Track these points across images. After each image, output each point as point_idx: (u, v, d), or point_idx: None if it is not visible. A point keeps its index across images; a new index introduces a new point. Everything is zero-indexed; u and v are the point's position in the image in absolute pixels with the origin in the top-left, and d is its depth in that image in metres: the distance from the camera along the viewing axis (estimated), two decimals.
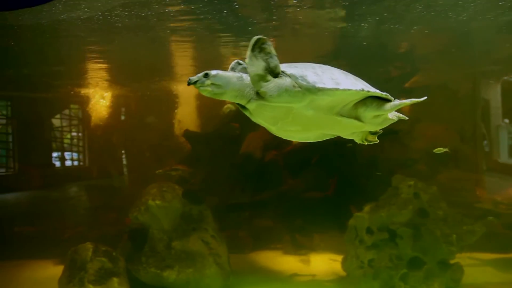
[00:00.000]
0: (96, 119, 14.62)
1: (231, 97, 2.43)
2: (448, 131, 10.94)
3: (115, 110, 14.80)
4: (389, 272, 7.58)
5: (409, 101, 2.53)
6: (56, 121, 17.12)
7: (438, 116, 10.75)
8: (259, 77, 2.32)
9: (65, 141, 17.40)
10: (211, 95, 2.40)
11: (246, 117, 2.59)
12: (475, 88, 11.96)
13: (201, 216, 8.19)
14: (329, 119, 2.52)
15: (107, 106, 14.62)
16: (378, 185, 8.68)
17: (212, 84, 2.37)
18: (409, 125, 9.69)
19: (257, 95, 2.37)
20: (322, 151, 8.77)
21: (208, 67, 2.68)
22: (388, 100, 2.59)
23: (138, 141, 13.21)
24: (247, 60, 2.29)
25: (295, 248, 9.75)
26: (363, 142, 2.88)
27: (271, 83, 2.32)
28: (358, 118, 2.57)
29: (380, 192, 8.31)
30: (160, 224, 7.87)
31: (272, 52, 2.31)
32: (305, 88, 2.33)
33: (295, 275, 9.04)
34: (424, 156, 9.90)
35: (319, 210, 8.99)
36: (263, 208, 9.01)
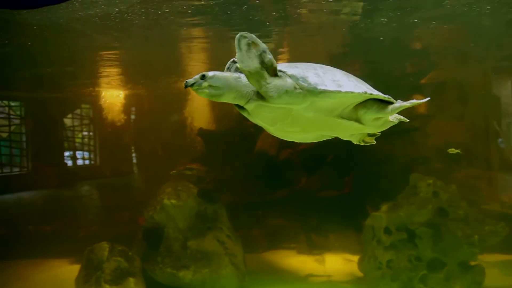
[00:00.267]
0: (109, 118, 14.62)
1: (229, 98, 2.37)
2: (462, 128, 10.78)
3: (128, 109, 14.79)
4: (409, 274, 7.45)
5: (409, 103, 2.45)
6: (69, 121, 17.19)
7: (452, 113, 10.59)
8: (256, 75, 2.23)
9: (77, 140, 17.45)
10: (209, 97, 2.34)
11: None
12: (488, 84, 11.79)
13: (216, 215, 8.12)
14: (329, 121, 2.47)
15: (120, 105, 14.61)
16: (395, 183, 8.55)
17: (210, 86, 2.30)
18: (423, 122, 9.55)
19: (256, 95, 2.31)
20: (338, 149, 8.65)
21: (222, 64, 2.62)
22: (390, 103, 2.54)
23: (150, 140, 13.17)
24: (238, 61, 2.20)
25: (310, 247, 9.63)
26: (360, 143, 2.84)
27: (271, 83, 2.25)
28: (358, 121, 2.53)
29: (396, 191, 8.19)
30: (175, 224, 7.81)
31: (262, 46, 2.22)
32: (306, 89, 2.27)
33: (310, 275, 8.94)
34: (437, 153, 9.74)
35: (334, 209, 8.87)
36: (278, 207, 8.90)
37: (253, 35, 2.19)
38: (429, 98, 2.42)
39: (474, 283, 7.37)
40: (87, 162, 17.42)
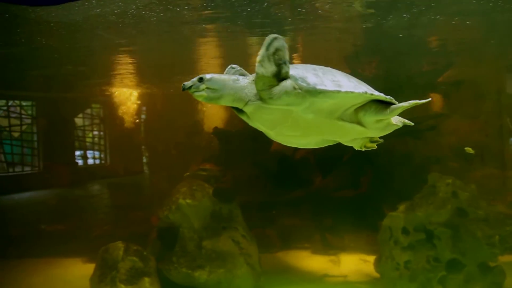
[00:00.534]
0: (122, 118, 14.63)
1: (227, 101, 2.33)
2: (477, 127, 10.62)
3: (141, 109, 14.80)
4: (427, 275, 7.32)
5: (408, 103, 2.37)
6: (82, 120, 17.27)
7: (468, 111, 10.43)
8: (266, 80, 2.20)
9: (88, 139, 17.51)
10: (207, 100, 2.31)
11: None
12: (502, 83, 11.63)
13: (231, 215, 8.05)
14: (330, 123, 2.41)
15: (133, 104, 14.62)
16: (412, 183, 8.43)
17: (208, 88, 2.28)
18: (439, 121, 9.41)
19: (255, 96, 2.28)
20: (354, 149, 8.51)
21: (237, 63, 2.58)
22: (392, 104, 2.46)
23: (164, 139, 13.14)
24: (258, 58, 2.15)
25: (325, 247, 9.53)
26: (362, 148, 2.78)
27: (275, 88, 2.21)
28: (360, 123, 2.46)
29: (413, 191, 8.07)
30: (191, 223, 7.75)
31: (286, 58, 2.18)
32: (305, 90, 2.22)
33: (325, 275, 8.84)
34: (453, 153, 9.60)
35: (350, 209, 8.76)
36: (293, 206, 8.81)
37: (286, 44, 2.15)
38: (430, 99, 2.34)
39: (494, 285, 7.22)
40: (99, 161, 17.50)
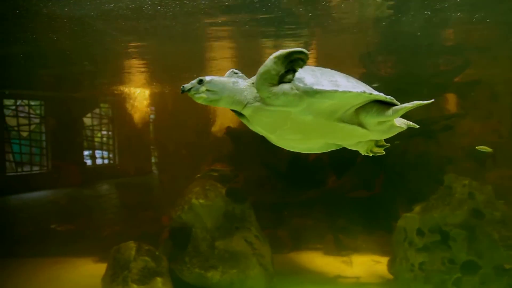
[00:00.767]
0: (133, 117, 14.61)
1: (227, 103, 2.33)
2: (490, 127, 10.48)
3: (152, 108, 14.77)
4: (442, 276, 7.24)
5: (411, 104, 2.32)
6: (92, 120, 17.29)
7: (484, 112, 10.30)
8: (268, 76, 2.19)
9: (97, 139, 17.53)
10: (206, 102, 2.31)
11: None
12: None
13: (244, 215, 7.98)
14: (330, 125, 2.38)
15: (145, 103, 14.59)
16: (427, 184, 8.33)
17: (207, 90, 2.30)
18: (456, 122, 9.29)
19: (253, 99, 2.27)
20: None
21: (251, 62, 2.51)
22: (393, 105, 2.42)
23: (174, 139, 13.09)
24: (276, 54, 2.14)
25: (338, 248, 9.44)
26: (368, 153, 2.76)
27: (273, 87, 2.21)
28: (361, 125, 2.43)
29: (428, 192, 7.97)
30: (203, 223, 7.70)
31: (297, 69, 2.18)
32: (302, 90, 2.21)
33: (338, 276, 8.76)
34: (468, 153, 9.47)
35: (363, 210, 8.66)
36: (307, 207, 8.72)
37: (306, 62, 2.15)
38: (432, 100, 2.30)
39: (510, 287, 7.12)
40: (110, 161, 17.51)
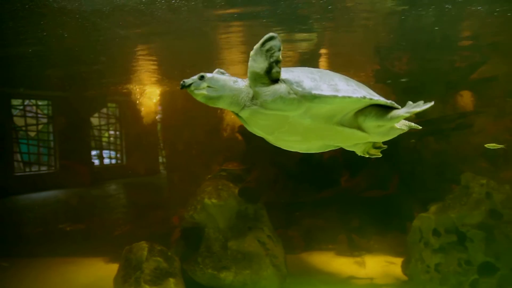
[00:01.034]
0: (143, 117, 14.57)
1: (225, 103, 2.26)
2: (503, 125, 10.29)
3: (162, 107, 14.70)
4: (459, 278, 7.09)
5: (409, 112, 2.25)
6: (100, 120, 17.30)
7: (499, 109, 10.12)
8: (257, 76, 2.16)
9: (106, 139, 17.53)
10: (205, 99, 2.24)
11: None
12: None
13: (257, 215, 7.89)
14: (329, 128, 2.32)
15: (154, 102, 14.54)
16: (442, 184, 8.19)
17: (208, 87, 2.22)
18: (474, 119, 9.11)
19: (251, 101, 2.21)
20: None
21: None
22: (394, 108, 2.36)
23: (184, 138, 13.02)
24: (252, 53, 2.11)
25: (351, 249, 9.32)
26: (365, 155, 2.71)
27: (268, 87, 2.16)
28: (360, 128, 2.37)
29: (444, 192, 7.83)
30: (216, 223, 7.61)
31: (278, 58, 2.13)
32: (300, 95, 2.15)
33: (351, 277, 8.65)
34: (477, 152, 9.30)
35: (377, 210, 8.52)
36: (320, 207, 8.60)
37: (280, 44, 2.11)
38: (433, 103, 2.22)
39: None
40: (120, 161, 17.50)
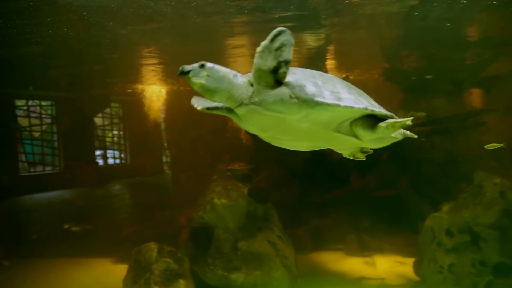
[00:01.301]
0: (148, 116, 14.52)
1: (222, 96, 2.17)
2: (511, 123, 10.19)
3: (169, 107, 14.65)
4: (473, 279, 6.98)
5: (400, 121, 2.21)
6: (106, 119, 17.26)
7: (503, 108, 10.00)
8: (262, 74, 2.05)
9: (110, 139, 17.48)
10: (203, 89, 2.14)
11: None
12: None
13: (267, 215, 7.79)
14: (324, 133, 2.27)
15: (160, 102, 14.49)
16: (454, 183, 8.08)
17: (208, 76, 2.13)
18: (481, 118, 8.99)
19: (249, 99, 2.13)
20: (393, 147, 8.13)
21: None
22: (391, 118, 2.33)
23: (191, 138, 12.95)
24: (259, 49, 2.01)
25: (361, 249, 9.22)
26: (350, 157, 2.71)
27: (270, 89, 2.08)
28: (355, 135, 2.33)
29: (455, 191, 7.72)
30: (225, 224, 7.52)
31: (289, 57, 2.01)
32: (302, 100, 2.07)
33: (362, 278, 8.54)
34: (484, 151, 9.18)
35: (388, 209, 8.43)
36: (331, 206, 8.51)
37: (292, 40, 1.99)
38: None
39: None
40: (125, 161, 17.47)
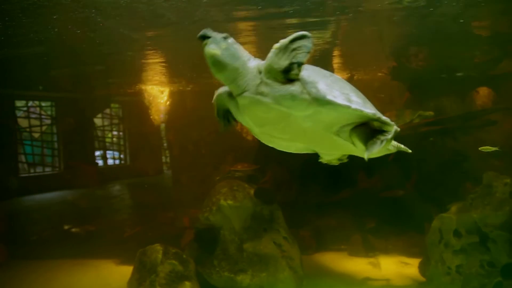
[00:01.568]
0: (151, 117, 14.43)
1: (228, 77, 2.14)
2: None
3: (172, 107, 14.55)
4: (481, 280, 6.91)
5: (386, 138, 2.22)
6: (109, 120, 17.15)
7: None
8: (272, 72, 2.05)
9: (114, 139, 17.37)
10: (214, 60, 2.10)
11: None
12: None
13: (272, 216, 7.70)
14: (323, 135, 2.22)
15: (163, 103, 14.40)
16: (462, 183, 8.02)
17: (226, 49, 2.11)
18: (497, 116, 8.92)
19: (254, 88, 2.08)
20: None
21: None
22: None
23: (194, 138, 12.86)
24: (276, 45, 2.00)
25: (366, 250, 9.15)
26: (329, 163, 2.77)
27: (279, 84, 2.05)
28: (352, 142, 2.29)
29: (463, 191, 7.67)
30: (231, 225, 7.43)
31: (302, 60, 1.99)
32: (313, 96, 2.03)
33: (367, 279, 8.47)
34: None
35: (394, 210, 8.36)
36: (337, 207, 8.43)
37: (311, 46, 1.97)
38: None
39: None
40: (126, 161, 17.35)
